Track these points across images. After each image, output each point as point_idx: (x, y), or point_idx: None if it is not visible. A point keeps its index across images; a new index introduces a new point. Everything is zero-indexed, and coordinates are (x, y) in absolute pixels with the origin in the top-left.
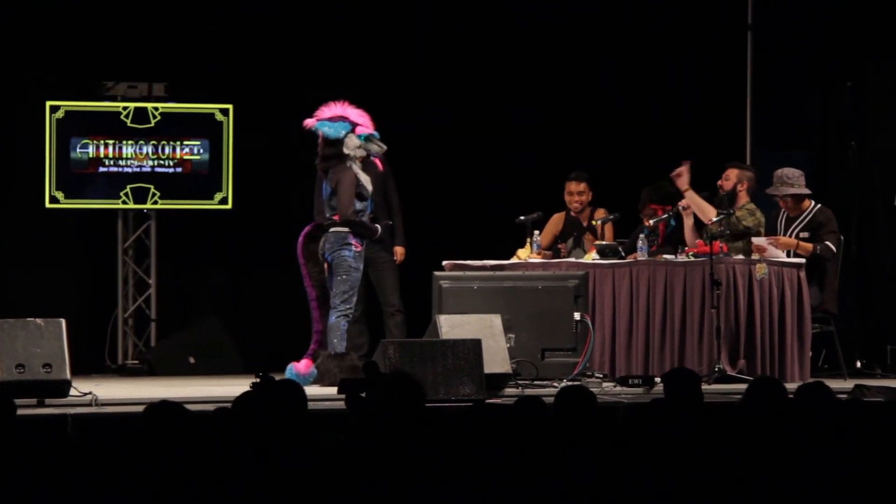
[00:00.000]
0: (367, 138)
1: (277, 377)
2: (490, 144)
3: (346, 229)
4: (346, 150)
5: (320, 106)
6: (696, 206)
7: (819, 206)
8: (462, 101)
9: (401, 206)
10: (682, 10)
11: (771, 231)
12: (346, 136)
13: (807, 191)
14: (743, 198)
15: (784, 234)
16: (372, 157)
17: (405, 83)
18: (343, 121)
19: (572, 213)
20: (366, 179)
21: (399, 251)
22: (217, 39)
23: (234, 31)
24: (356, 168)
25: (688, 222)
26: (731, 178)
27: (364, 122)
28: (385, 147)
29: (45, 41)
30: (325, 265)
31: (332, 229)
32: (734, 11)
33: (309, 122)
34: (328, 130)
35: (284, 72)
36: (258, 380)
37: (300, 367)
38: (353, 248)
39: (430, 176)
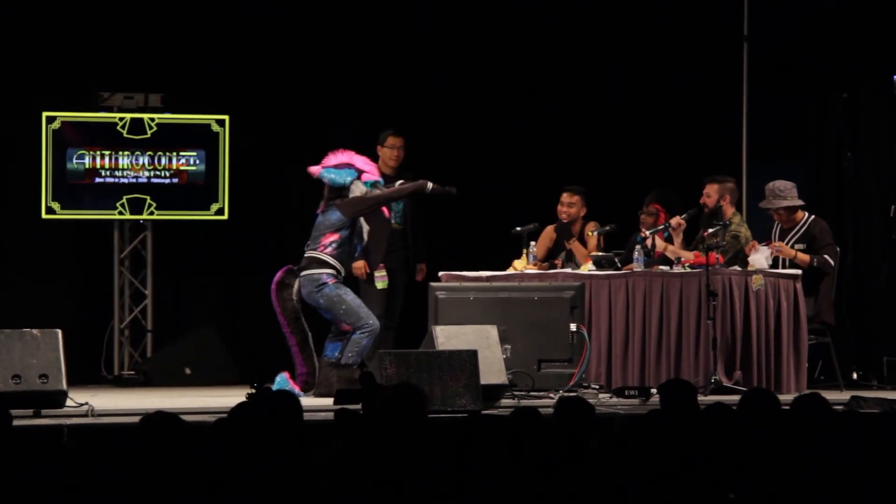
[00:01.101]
0: (373, 185)
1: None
2: (486, 155)
3: (320, 271)
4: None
5: (327, 154)
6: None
7: (813, 217)
8: (458, 112)
9: (422, 224)
10: (678, 23)
11: (765, 239)
12: (351, 182)
13: (799, 202)
14: (728, 211)
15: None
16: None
17: (401, 94)
18: (349, 167)
19: (562, 221)
20: (366, 229)
21: (422, 268)
22: (213, 50)
23: (230, 43)
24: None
25: (677, 241)
26: (711, 194)
27: (370, 168)
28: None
29: (42, 52)
30: (300, 305)
31: (303, 273)
32: (730, 23)
33: (314, 170)
34: (334, 178)
35: (280, 82)
36: (253, 390)
37: (293, 383)
38: (330, 283)
39: None
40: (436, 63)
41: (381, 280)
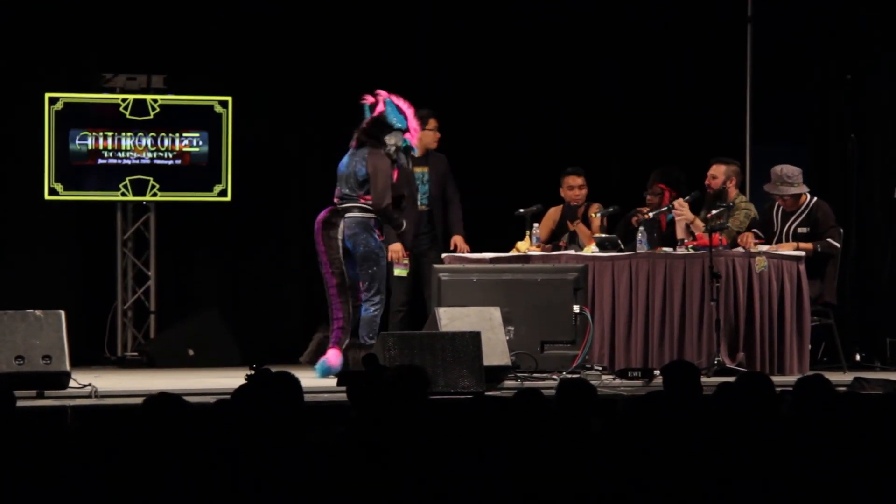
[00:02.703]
0: (407, 148)
1: (275, 369)
2: (489, 137)
3: (368, 215)
4: (387, 140)
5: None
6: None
7: (815, 200)
8: (460, 94)
9: (458, 197)
10: (682, 4)
11: (766, 224)
12: (396, 130)
13: (805, 188)
14: (732, 193)
15: (781, 229)
16: (395, 165)
17: (404, 76)
18: (405, 118)
19: (572, 204)
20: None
21: (459, 241)
22: (216, 31)
23: (233, 23)
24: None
25: (680, 223)
26: (718, 175)
27: (414, 131)
28: (410, 167)
29: (44, 33)
30: (343, 250)
31: (348, 215)
32: (734, 5)
33: (379, 94)
34: (391, 111)
35: (283, 63)
36: (252, 371)
37: (332, 359)
38: (377, 236)
39: None
40: (438, 48)
41: (401, 267)
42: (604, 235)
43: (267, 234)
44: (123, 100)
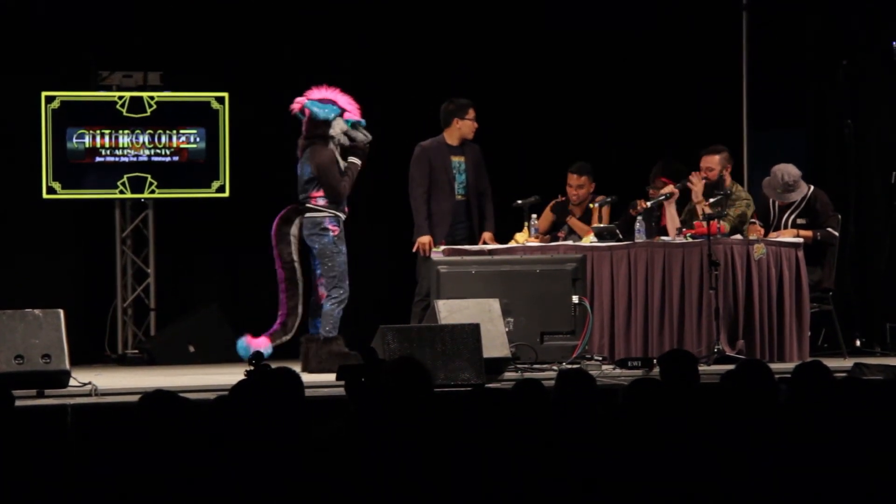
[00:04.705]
0: (354, 125)
1: (275, 365)
2: (487, 128)
3: (321, 214)
4: (331, 133)
5: (310, 87)
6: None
7: (812, 189)
8: (459, 86)
9: (490, 191)
10: None
11: (763, 213)
12: (334, 118)
13: (806, 188)
14: (728, 180)
15: (778, 218)
16: (351, 144)
17: (401, 69)
18: (332, 104)
19: (571, 203)
20: (342, 164)
21: (488, 237)
22: (212, 28)
23: (229, 20)
24: (333, 147)
25: (669, 210)
26: (714, 166)
27: (352, 109)
28: (370, 136)
29: (40, 31)
30: (298, 248)
31: (307, 214)
32: None
33: (298, 102)
34: (317, 111)
35: (280, 59)
36: (252, 367)
37: (257, 342)
38: (332, 233)
39: None
40: (436, 40)
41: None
42: (602, 225)
43: (265, 229)
44: (120, 97)
